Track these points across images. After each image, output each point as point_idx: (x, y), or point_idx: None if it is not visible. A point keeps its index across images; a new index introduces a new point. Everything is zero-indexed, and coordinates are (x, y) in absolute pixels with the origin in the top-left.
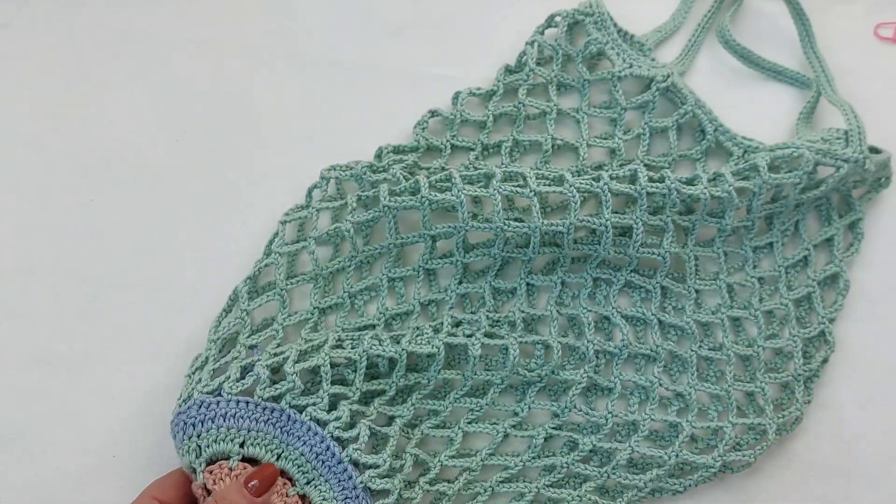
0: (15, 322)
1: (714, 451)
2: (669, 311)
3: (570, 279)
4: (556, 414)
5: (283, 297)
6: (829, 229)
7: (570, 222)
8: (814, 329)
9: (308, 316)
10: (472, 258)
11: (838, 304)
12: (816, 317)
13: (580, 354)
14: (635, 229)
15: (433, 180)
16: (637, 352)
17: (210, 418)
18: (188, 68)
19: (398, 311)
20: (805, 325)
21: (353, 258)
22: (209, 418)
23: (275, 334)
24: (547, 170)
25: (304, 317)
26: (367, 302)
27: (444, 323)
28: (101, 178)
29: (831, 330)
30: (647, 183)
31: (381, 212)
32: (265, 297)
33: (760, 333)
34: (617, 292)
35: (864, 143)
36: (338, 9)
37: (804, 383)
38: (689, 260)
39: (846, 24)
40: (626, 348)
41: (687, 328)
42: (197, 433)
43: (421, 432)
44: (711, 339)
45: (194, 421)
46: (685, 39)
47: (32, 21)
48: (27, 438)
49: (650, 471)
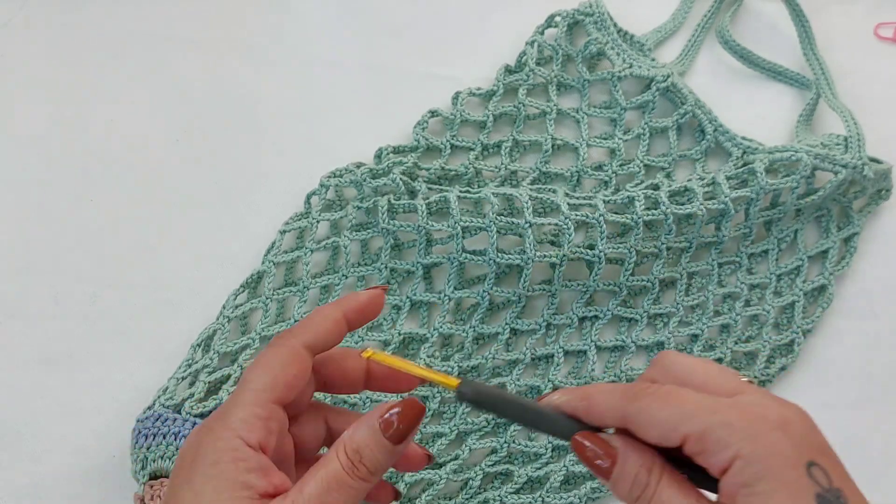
0: (15, 322)
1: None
2: (652, 331)
3: (556, 321)
4: (496, 450)
5: (265, 307)
6: (826, 241)
7: (562, 254)
8: (786, 337)
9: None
10: (461, 294)
11: (816, 316)
12: (793, 325)
13: (536, 391)
14: (627, 259)
15: (430, 202)
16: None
17: (162, 434)
18: (188, 68)
19: (379, 339)
20: (781, 331)
21: (343, 277)
22: (161, 434)
23: (250, 343)
24: (543, 190)
25: (284, 328)
26: None
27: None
28: (101, 178)
29: (802, 341)
30: (643, 212)
31: (378, 232)
32: (248, 305)
33: (732, 336)
34: (601, 327)
35: (864, 149)
36: (338, 9)
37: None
38: (682, 278)
39: (846, 24)
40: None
41: (667, 343)
42: (147, 445)
43: None
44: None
45: (147, 433)
46: (685, 39)
47: (32, 21)
48: (27, 438)
49: (584, 485)
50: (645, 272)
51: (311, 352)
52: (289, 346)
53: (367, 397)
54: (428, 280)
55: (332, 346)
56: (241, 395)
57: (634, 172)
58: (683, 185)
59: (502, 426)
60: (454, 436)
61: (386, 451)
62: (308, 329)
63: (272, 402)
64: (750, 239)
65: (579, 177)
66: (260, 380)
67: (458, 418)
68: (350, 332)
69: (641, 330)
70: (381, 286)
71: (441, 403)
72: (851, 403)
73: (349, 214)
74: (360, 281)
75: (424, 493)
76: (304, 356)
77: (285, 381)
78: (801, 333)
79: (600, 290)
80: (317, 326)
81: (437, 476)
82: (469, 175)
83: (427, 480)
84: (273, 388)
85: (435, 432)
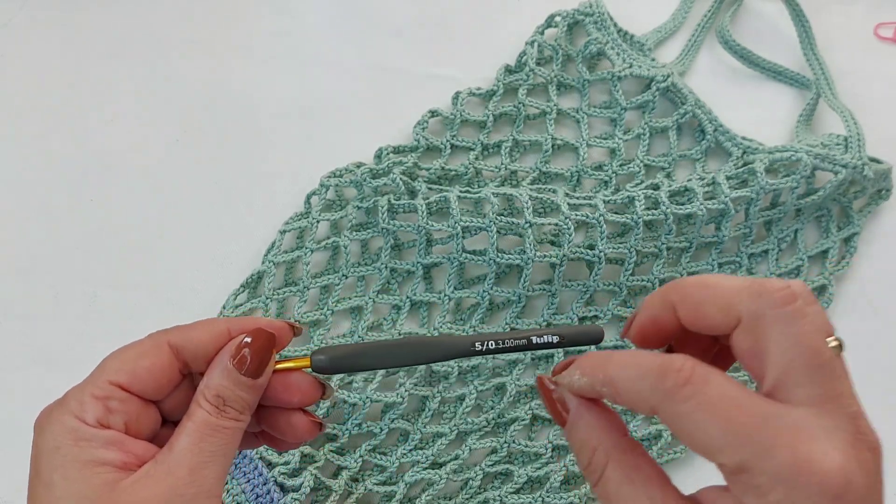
0: (15, 322)
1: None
2: None
3: (556, 321)
4: (496, 450)
5: (265, 307)
6: (826, 241)
7: (562, 254)
8: None
9: None
10: (461, 294)
11: None
12: None
13: (535, 391)
14: (627, 259)
15: (430, 202)
16: None
17: None
18: (188, 68)
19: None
20: None
21: (343, 277)
22: None
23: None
24: (543, 190)
25: None
26: (353, 321)
27: (418, 367)
28: (101, 178)
29: None
30: (643, 212)
31: (378, 232)
32: (248, 304)
33: None
34: (602, 327)
35: (864, 149)
36: (338, 9)
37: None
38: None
39: (846, 24)
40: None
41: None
42: None
43: (365, 487)
44: None
45: None
46: (685, 39)
47: (32, 21)
48: (27, 438)
49: (584, 485)
50: (645, 272)
51: (175, 350)
52: (153, 339)
53: (368, 397)
54: (428, 280)
55: (202, 354)
56: (86, 378)
57: (634, 172)
58: (683, 185)
59: (502, 426)
60: (454, 436)
61: (247, 388)
62: (183, 330)
63: (111, 384)
64: (750, 239)
65: (579, 177)
66: (107, 364)
67: (458, 418)
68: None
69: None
70: (294, 324)
71: (441, 403)
72: None
73: (349, 214)
74: (360, 281)
75: (424, 493)
76: (164, 351)
77: (131, 369)
78: None
79: (600, 290)
80: (191, 331)
81: (437, 476)
82: (469, 175)
83: (427, 480)
84: (117, 372)
85: (435, 432)
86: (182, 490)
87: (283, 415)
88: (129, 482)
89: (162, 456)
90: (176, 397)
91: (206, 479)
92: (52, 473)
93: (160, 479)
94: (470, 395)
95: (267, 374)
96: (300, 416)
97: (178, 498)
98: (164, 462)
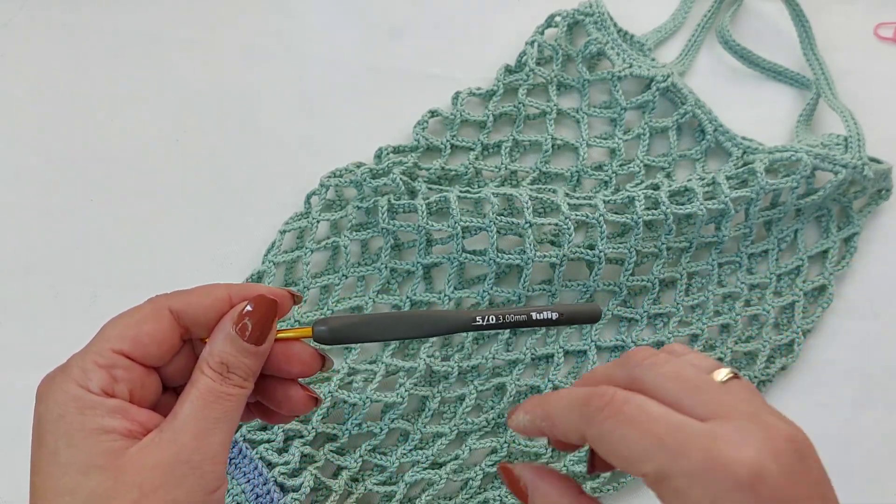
0: (15, 322)
1: None
2: (652, 331)
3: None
4: (496, 450)
5: None
6: (826, 241)
7: (562, 254)
8: (785, 337)
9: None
10: (461, 294)
11: (816, 316)
12: (793, 325)
13: (536, 391)
14: (627, 259)
15: (430, 202)
16: None
17: None
18: (188, 68)
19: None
20: (781, 331)
21: (343, 277)
22: None
23: None
24: (543, 190)
25: (284, 327)
26: None
27: (418, 367)
28: (101, 178)
29: (801, 341)
30: (643, 212)
31: (378, 232)
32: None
33: (732, 336)
34: (601, 327)
35: (864, 149)
36: (338, 9)
37: (757, 386)
38: (682, 278)
39: (846, 25)
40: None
41: (667, 343)
42: None
43: (365, 487)
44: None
45: None
46: (685, 39)
47: (32, 21)
48: (27, 438)
49: (583, 485)
50: (645, 272)
51: (176, 316)
52: (153, 304)
53: (368, 397)
54: (428, 280)
55: (203, 320)
56: (87, 345)
57: (634, 172)
58: (683, 185)
59: (502, 426)
60: (454, 436)
61: (251, 355)
62: (183, 295)
63: (115, 352)
64: (750, 239)
65: (579, 177)
66: (108, 331)
67: (458, 418)
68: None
69: (641, 330)
70: (294, 292)
71: (441, 403)
72: (851, 403)
73: (349, 214)
74: (359, 281)
75: (424, 493)
76: (165, 317)
77: (134, 336)
78: (801, 333)
79: (600, 290)
80: (192, 296)
81: (437, 476)
82: (469, 175)
83: (427, 480)
84: (119, 339)
85: (435, 432)
86: (187, 457)
87: (281, 385)
88: (134, 450)
89: (167, 424)
90: (176, 364)
91: (211, 446)
92: (57, 441)
93: (165, 446)
94: (470, 395)
95: (269, 340)
96: (297, 389)
97: (184, 465)
98: (169, 429)
